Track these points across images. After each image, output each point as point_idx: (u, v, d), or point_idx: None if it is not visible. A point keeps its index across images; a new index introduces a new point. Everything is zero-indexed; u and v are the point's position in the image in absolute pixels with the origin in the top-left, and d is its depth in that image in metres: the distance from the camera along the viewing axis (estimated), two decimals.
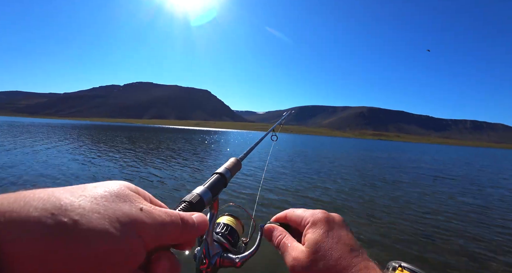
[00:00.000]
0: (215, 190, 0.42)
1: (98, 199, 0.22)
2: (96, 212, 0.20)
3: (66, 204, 0.19)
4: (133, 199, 0.25)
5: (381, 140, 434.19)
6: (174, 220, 0.27)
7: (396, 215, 5.01)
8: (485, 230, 4.53)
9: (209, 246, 0.39)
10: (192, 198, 0.36)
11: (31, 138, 16.28)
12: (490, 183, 10.65)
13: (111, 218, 0.21)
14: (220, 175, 0.46)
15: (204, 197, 0.38)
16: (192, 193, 0.38)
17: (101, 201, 0.22)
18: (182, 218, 0.28)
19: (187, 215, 0.29)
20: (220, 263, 0.40)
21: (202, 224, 0.31)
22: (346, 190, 7.15)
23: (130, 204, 0.24)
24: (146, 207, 0.25)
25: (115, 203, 0.23)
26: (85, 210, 0.20)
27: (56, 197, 0.20)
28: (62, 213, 0.19)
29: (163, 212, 0.26)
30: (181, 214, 0.28)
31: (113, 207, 0.22)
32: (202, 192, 0.38)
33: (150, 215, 0.24)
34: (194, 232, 0.29)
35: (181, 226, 0.27)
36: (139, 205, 0.25)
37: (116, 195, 0.24)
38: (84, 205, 0.20)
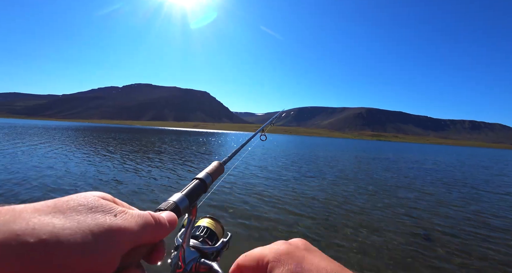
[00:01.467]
0: (194, 197, 0.41)
1: (69, 214, 0.21)
2: (67, 228, 0.19)
3: (33, 223, 0.19)
4: (107, 208, 0.24)
5: (379, 140, 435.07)
6: (147, 219, 0.27)
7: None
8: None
9: (185, 252, 0.39)
10: (167, 206, 0.35)
11: (25, 140, 16.15)
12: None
13: (84, 232, 0.20)
14: (200, 180, 0.45)
15: (180, 204, 0.37)
16: (168, 201, 0.37)
17: (72, 215, 0.21)
18: (153, 217, 0.28)
19: (157, 214, 0.29)
20: (196, 269, 0.39)
21: (172, 221, 0.31)
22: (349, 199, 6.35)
23: (104, 214, 0.23)
24: (119, 211, 0.25)
25: (88, 215, 0.22)
26: (55, 228, 0.19)
27: (23, 218, 0.19)
28: (28, 233, 0.18)
29: (136, 214, 0.26)
30: (151, 213, 0.29)
31: (85, 219, 0.21)
32: (179, 200, 0.37)
33: (125, 219, 0.24)
34: (165, 229, 0.29)
35: (154, 224, 0.27)
36: (114, 211, 0.24)
37: (90, 207, 0.23)
38: (53, 222, 0.19)
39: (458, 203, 6.66)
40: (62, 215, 0.20)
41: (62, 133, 27.70)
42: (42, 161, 9.13)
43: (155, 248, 0.29)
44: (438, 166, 17.36)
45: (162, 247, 0.30)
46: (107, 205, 0.25)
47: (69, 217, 0.20)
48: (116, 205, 0.26)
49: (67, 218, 0.20)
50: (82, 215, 0.22)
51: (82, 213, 0.22)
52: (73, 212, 0.21)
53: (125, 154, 13.15)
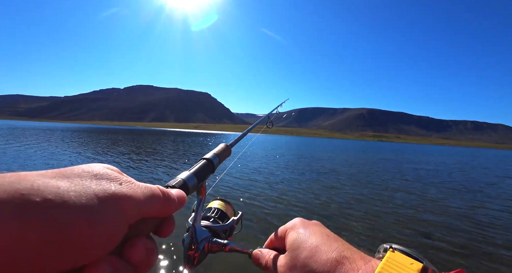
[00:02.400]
0: (202, 176, 0.41)
1: (74, 178, 0.21)
2: (72, 191, 0.19)
3: (38, 185, 0.18)
4: (113, 176, 0.24)
5: (381, 141, 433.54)
6: (155, 192, 0.27)
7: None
8: None
9: (197, 231, 0.39)
10: (176, 182, 0.36)
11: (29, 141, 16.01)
12: None
13: (88, 195, 0.20)
14: (207, 160, 0.45)
15: (188, 182, 0.37)
16: (176, 178, 0.37)
17: (77, 180, 0.21)
18: (162, 191, 0.28)
19: (166, 189, 0.30)
20: (208, 248, 0.40)
21: (181, 198, 0.31)
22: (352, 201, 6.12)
23: (109, 181, 0.23)
24: (126, 180, 0.25)
25: (93, 181, 0.22)
26: (59, 189, 0.19)
27: (28, 179, 0.19)
28: (34, 193, 0.18)
29: (143, 185, 0.26)
30: (161, 187, 0.29)
31: (90, 185, 0.21)
32: (187, 177, 0.38)
33: (130, 188, 0.24)
34: (174, 205, 0.29)
35: (162, 197, 0.27)
36: (119, 180, 0.24)
37: (95, 174, 0.23)
38: (58, 185, 0.19)
39: (466, 207, 6.28)
40: (66, 179, 0.21)
41: (65, 135, 27.60)
42: (49, 161, 9.52)
43: (164, 222, 0.29)
44: (442, 167, 17.07)
45: (171, 221, 0.30)
46: (112, 174, 0.25)
47: (74, 181, 0.21)
48: (120, 174, 0.27)
49: (72, 182, 0.20)
50: (87, 180, 0.22)
51: (87, 179, 0.22)
52: (78, 178, 0.22)
53: (121, 154, 12.99)
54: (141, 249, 0.24)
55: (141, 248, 0.24)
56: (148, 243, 0.26)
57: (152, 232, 0.29)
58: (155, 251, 0.26)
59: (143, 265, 0.24)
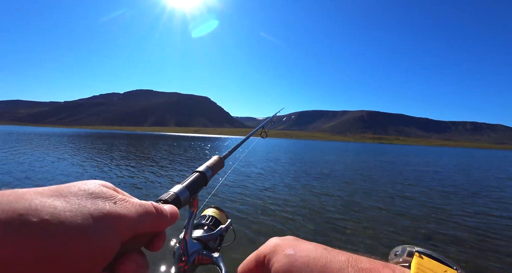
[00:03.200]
0: (194, 189, 0.41)
1: (70, 198, 0.22)
2: (68, 211, 0.20)
3: (36, 204, 0.19)
4: (108, 195, 0.25)
5: (381, 143, 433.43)
6: (148, 209, 0.27)
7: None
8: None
9: (188, 244, 0.39)
10: (168, 196, 0.36)
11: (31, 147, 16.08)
12: None
13: (84, 215, 0.20)
14: (200, 173, 0.45)
15: (181, 195, 0.37)
16: (168, 192, 0.37)
17: (73, 199, 0.21)
18: (155, 207, 0.29)
19: (159, 205, 0.30)
20: (199, 261, 0.40)
21: (174, 214, 0.31)
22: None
23: (104, 200, 0.24)
24: (120, 198, 0.25)
25: (88, 200, 0.22)
26: (56, 209, 0.20)
27: (25, 199, 0.19)
28: (31, 213, 0.18)
29: (137, 203, 0.27)
30: (154, 204, 0.29)
31: (85, 204, 0.22)
32: (179, 191, 0.38)
33: (124, 206, 0.25)
34: (166, 221, 0.30)
35: (155, 214, 0.28)
36: (114, 199, 0.25)
37: (90, 193, 0.24)
38: (55, 205, 0.20)
39: (477, 210, 6.14)
40: (63, 198, 0.21)
41: (66, 140, 27.68)
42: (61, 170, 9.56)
43: (156, 237, 0.30)
44: (443, 169, 17.16)
45: (162, 235, 0.30)
46: (107, 192, 0.25)
47: (70, 201, 0.21)
48: (117, 193, 0.27)
49: (68, 202, 0.21)
50: (82, 200, 0.22)
51: (82, 198, 0.22)
52: (74, 197, 0.22)
53: (121, 159, 13.12)
54: (132, 266, 0.24)
55: (132, 264, 0.24)
56: (139, 259, 0.26)
57: (144, 246, 0.29)
58: (146, 266, 0.27)
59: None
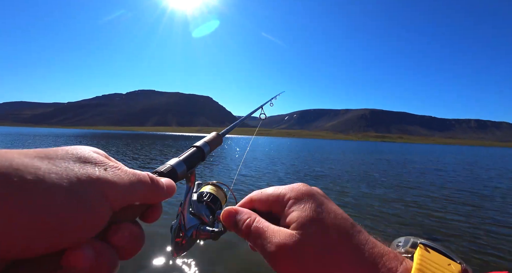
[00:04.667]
0: (191, 163, 0.40)
1: (56, 160, 0.20)
2: (53, 173, 0.18)
3: (17, 164, 0.18)
4: (98, 161, 0.23)
5: (384, 141, 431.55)
6: (142, 178, 0.26)
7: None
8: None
9: (186, 219, 0.39)
10: (164, 168, 0.35)
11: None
12: None
13: (70, 178, 0.19)
14: (197, 148, 0.45)
15: (177, 168, 0.37)
16: (165, 164, 0.36)
17: (60, 162, 0.20)
18: (151, 178, 0.27)
19: (155, 177, 0.28)
20: (196, 235, 0.39)
21: (170, 187, 0.30)
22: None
23: (94, 165, 0.22)
24: (111, 165, 0.24)
25: (76, 164, 0.21)
26: (40, 170, 0.18)
27: (7, 158, 0.18)
28: (12, 172, 0.17)
29: (130, 171, 0.25)
30: (150, 174, 0.28)
31: (73, 167, 0.20)
32: (176, 164, 0.37)
33: (116, 174, 0.23)
34: (162, 193, 0.28)
35: (151, 184, 0.26)
36: (105, 165, 0.23)
37: (79, 157, 0.22)
38: (39, 165, 0.18)
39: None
40: (49, 160, 0.20)
41: (70, 141, 27.79)
42: None
43: (151, 207, 0.28)
44: (449, 167, 16.89)
45: (158, 207, 0.29)
46: (98, 158, 0.24)
47: (57, 163, 0.20)
48: (109, 160, 0.25)
49: (54, 164, 0.20)
50: (70, 163, 0.21)
51: (70, 161, 0.21)
52: (61, 159, 0.21)
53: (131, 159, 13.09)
54: (125, 234, 0.23)
55: (126, 233, 0.24)
56: (134, 228, 0.25)
57: (139, 217, 0.28)
58: (141, 237, 0.26)
59: (127, 251, 0.24)
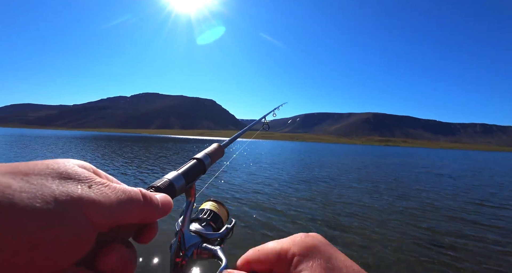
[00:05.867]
0: (191, 176, 0.37)
1: (32, 176, 0.17)
2: (25, 191, 0.16)
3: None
4: (82, 177, 0.20)
5: (388, 146, 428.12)
6: (133, 196, 0.22)
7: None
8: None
9: (185, 237, 0.36)
10: (161, 183, 0.32)
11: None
12: None
13: (45, 197, 0.16)
14: (198, 160, 0.42)
15: (175, 183, 0.34)
16: (162, 178, 0.34)
17: (35, 178, 0.17)
18: (144, 195, 0.24)
19: (149, 193, 0.25)
20: (197, 255, 0.36)
21: (166, 204, 0.26)
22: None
23: (76, 182, 0.19)
24: (97, 182, 0.20)
25: (55, 181, 0.18)
26: (10, 189, 0.16)
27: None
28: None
29: (120, 188, 0.22)
30: (142, 190, 0.24)
31: (50, 185, 0.17)
32: (174, 178, 0.34)
33: (101, 191, 0.20)
34: (157, 211, 0.25)
35: (143, 202, 0.23)
36: (90, 182, 0.20)
37: (60, 173, 0.19)
38: (9, 183, 0.16)
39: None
40: (22, 177, 0.17)
41: (77, 143, 27.89)
42: None
43: (145, 227, 0.25)
44: (457, 174, 16.53)
45: (153, 227, 0.26)
46: (82, 174, 0.20)
47: (31, 180, 0.17)
48: (96, 176, 0.22)
49: (28, 181, 0.17)
50: (48, 180, 0.17)
51: (48, 178, 0.18)
52: (37, 176, 0.17)
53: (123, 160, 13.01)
54: (114, 258, 0.20)
55: (115, 257, 0.21)
56: (124, 250, 0.22)
57: (132, 237, 0.25)
58: (132, 260, 0.23)
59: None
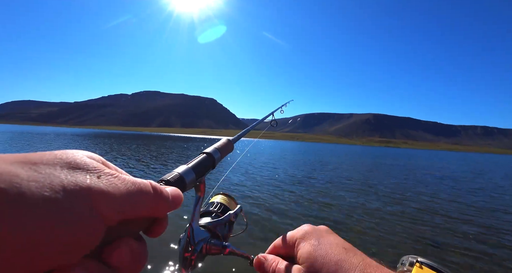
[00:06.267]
0: (201, 171, 0.37)
1: (40, 166, 0.17)
2: (34, 181, 0.15)
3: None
4: (91, 167, 0.20)
5: (388, 147, 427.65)
6: (143, 188, 0.22)
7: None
8: None
9: (195, 232, 0.36)
10: (171, 176, 0.32)
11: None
12: None
13: (53, 187, 0.16)
14: (207, 154, 0.42)
15: (186, 177, 0.34)
16: (172, 172, 0.34)
17: (44, 168, 0.17)
18: (155, 187, 0.23)
19: (159, 186, 0.25)
20: (206, 250, 0.37)
21: (176, 197, 0.26)
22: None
23: (85, 172, 0.19)
24: (106, 172, 0.20)
25: (64, 171, 0.18)
26: (18, 178, 0.15)
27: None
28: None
29: (130, 180, 0.21)
30: (152, 183, 0.24)
31: (59, 174, 0.17)
32: (184, 172, 0.34)
33: (111, 182, 0.19)
34: (167, 204, 0.25)
35: (153, 195, 0.23)
36: (99, 172, 0.20)
37: (68, 162, 0.19)
38: (17, 172, 0.15)
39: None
40: (31, 166, 0.16)
41: (79, 140, 27.96)
42: None
43: (155, 221, 0.25)
44: (457, 175, 16.57)
45: (164, 220, 0.26)
46: (91, 164, 0.20)
47: (39, 169, 0.16)
48: (105, 167, 0.22)
49: (36, 170, 0.16)
50: (56, 169, 0.17)
51: (57, 167, 0.18)
52: (46, 165, 0.17)
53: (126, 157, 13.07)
54: (124, 252, 0.20)
55: (125, 250, 0.20)
56: (134, 244, 0.22)
57: (142, 231, 0.25)
58: (143, 254, 0.22)
59: (127, 270, 0.21)
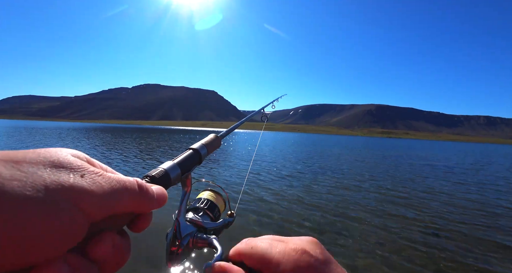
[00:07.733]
0: (186, 166, 0.38)
1: (23, 164, 0.17)
2: (16, 179, 0.16)
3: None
4: (75, 166, 0.20)
5: (390, 137, 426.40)
6: (129, 186, 0.22)
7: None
8: None
9: (181, 226, 0.36)
10: (156, 172, 0.32)
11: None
12: None
13: (36, 186, 0.16)
14: (194, 150, 0.42)
15: (171, 173, 0.34)
16: (157, 168, 0.33)
17: (26, 166, 0.17)
18: (140, 185, 0.24)
19: (145, 184, 0.25)
20: (193, 244, 0.36)
21: (161, 196, 0.26)
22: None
23: (68, 171, 0.19)
24: (90, 171, 0.20)
25: (47, 170, 0.18)
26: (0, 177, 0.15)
27: None
28: None
29: (114, 178, 0.22)
30: (139, 181, 0.24)
31: (42, 173, 0.17)
32: (169, 168, 0.34)
33: (95, 181, 0.20)
34: (152, 203, 0.25)
35: (138, 193, 0.23)
36: (82, 171, 0.20)
37: (52, 161, 0.19)
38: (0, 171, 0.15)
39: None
40: (13, 164, 0.17)
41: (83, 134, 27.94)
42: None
43: (139, 216, 0.26)
44: (459, 168, 16.41)
45: (148, 216, 0.26)
46: (75, 162, 0.20)
47: (22, 168, 0.17)
48: (90, 165, 0.22)
49: (19, 169, 0.16)
50: (39, 168, 0.18)
51: (40, 166, 0.18)
52: (29, 164, 0.17)
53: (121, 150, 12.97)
54: (106, 246, 0.20)
55: (107, 245, 0.20)
56: (117, 239, 0.22)
57: (126, 225, 0.25)
58: (126, 248, 0.23)
59: (110, 264, 0.21)
